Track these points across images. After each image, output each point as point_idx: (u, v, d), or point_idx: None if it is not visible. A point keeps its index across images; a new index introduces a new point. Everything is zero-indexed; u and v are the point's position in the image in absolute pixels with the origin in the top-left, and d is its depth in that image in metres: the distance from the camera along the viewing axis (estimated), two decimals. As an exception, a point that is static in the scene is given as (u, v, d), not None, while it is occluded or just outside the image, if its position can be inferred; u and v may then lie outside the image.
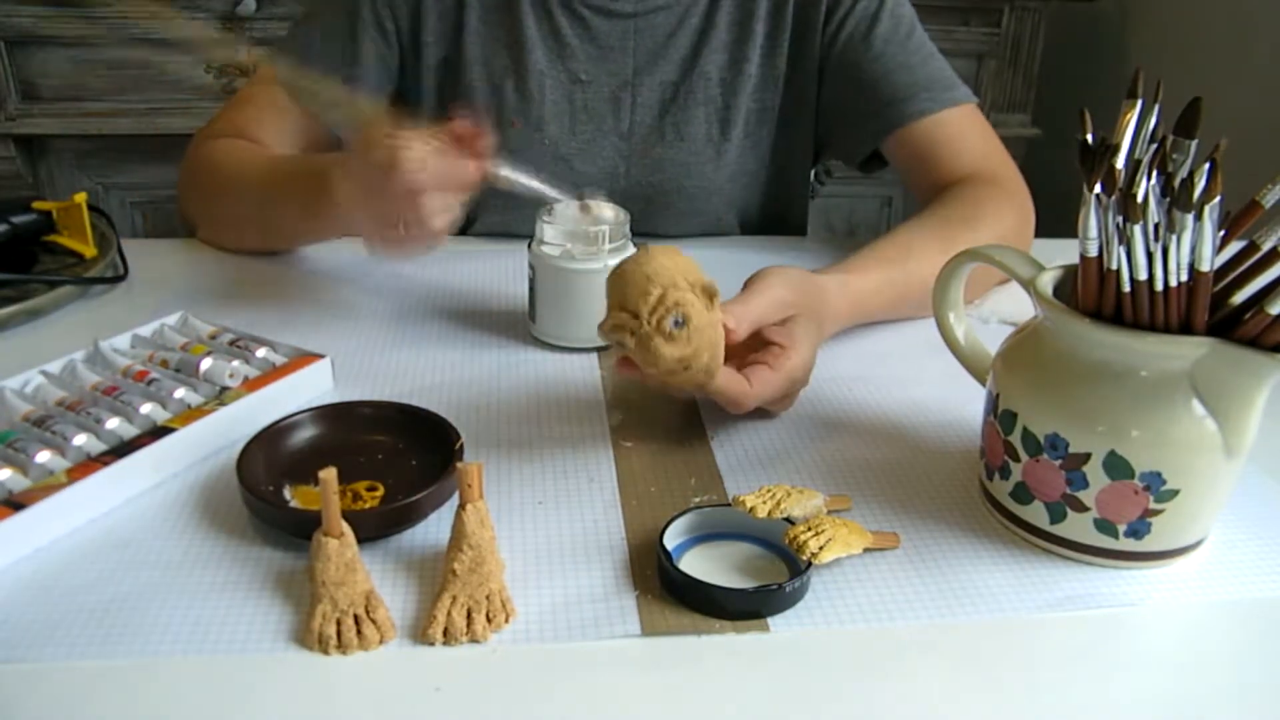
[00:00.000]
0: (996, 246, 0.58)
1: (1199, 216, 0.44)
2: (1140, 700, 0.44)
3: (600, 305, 0.57)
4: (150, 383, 0.62)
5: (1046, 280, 0.53)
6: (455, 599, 0.47)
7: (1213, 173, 0.45)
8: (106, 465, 0.54)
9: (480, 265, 0.90)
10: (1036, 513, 0.53)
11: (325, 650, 0.45)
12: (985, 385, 0.57)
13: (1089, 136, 0.49)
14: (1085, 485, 0.50)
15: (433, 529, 0.53)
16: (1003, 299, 0.82)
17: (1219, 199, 0.44)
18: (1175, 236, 0.45)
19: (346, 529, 0.47)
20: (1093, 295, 0.50)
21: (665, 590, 0.49)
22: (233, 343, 0.68)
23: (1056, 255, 0.57)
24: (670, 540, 0.51)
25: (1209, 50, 1.82)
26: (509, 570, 0.50)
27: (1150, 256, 0.46)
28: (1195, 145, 0.47)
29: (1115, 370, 0.49)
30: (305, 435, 0.59)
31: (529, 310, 0.76)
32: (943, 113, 0.88)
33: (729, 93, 0.95)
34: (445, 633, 0.46)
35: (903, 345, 0.76)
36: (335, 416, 0.60)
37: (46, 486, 0.52)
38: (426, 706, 0.42)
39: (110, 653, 0.44)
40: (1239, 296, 0.48)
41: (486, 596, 0.47)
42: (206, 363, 0.64)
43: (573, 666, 0.45)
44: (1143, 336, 0.48)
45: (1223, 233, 0.47)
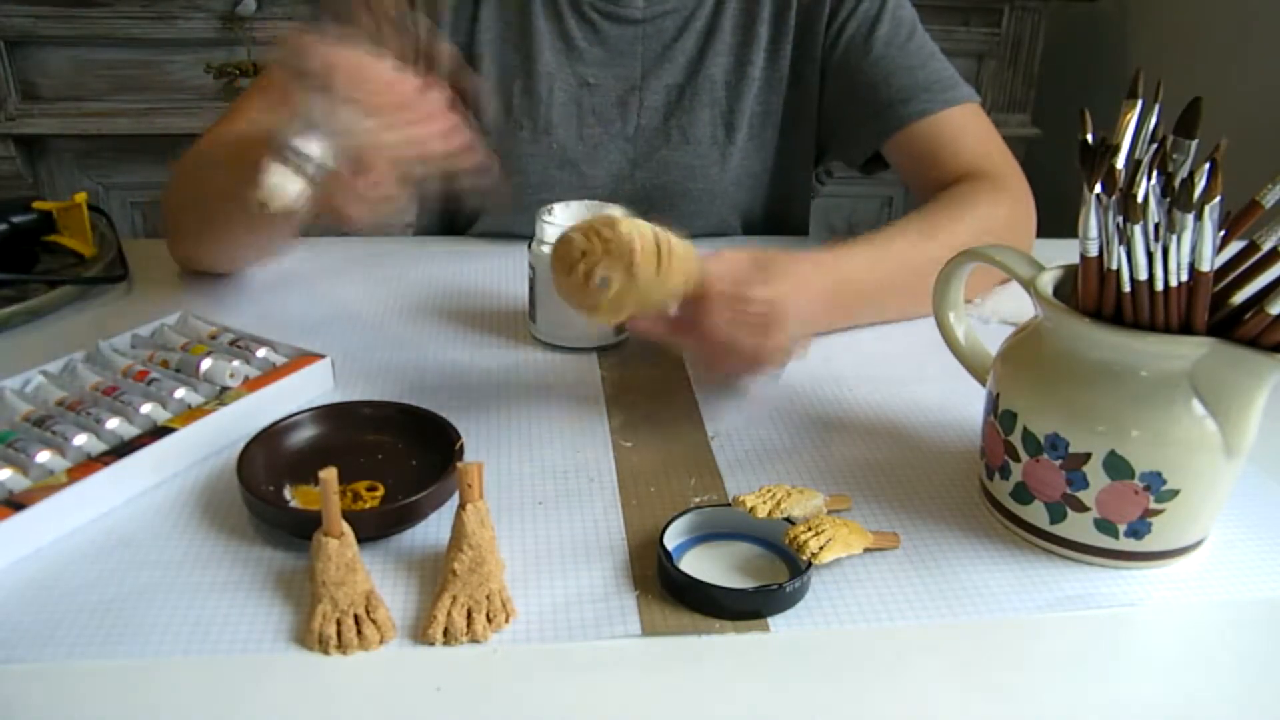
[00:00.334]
0: (996, 246, 0.58)
1: (1199, 216, 0.44)
2: (1140, 700, 0.44)
3: None
4: (150, 383, 0.62)
5: (1046, 280, 0.53)
6: (455, 599, 0.47)
7: (1213, 173, 0.45)
8: (106, 465, 0.54)
9: (480, 265, 0.90)
10: (1036, 513, 0.53)
11: (325, 650, 0.45)
12: (985, 385, 0.57)
13: (1089, 136, 0.49)
14: (1085, 485, 0.50)
15: (433, 529, 0.53)
16: (1003, 299, 0.82)
17: (1219, 199, 0.44)
18: (1175, 236, 0.45)
19: (346, 529, 0.47)
20: (1093, 295, 0.50)
21: (665, 590, 0.49)
22: (233, 343, 0.68)
23: (1056, 255, 0.57)
24: (670, 540, 0.51)
25: (1209, 50, 1.82)
26: (509, 570, 0.50)
27: (1150, 256, 0.46)
28: (1195, 145, 0.47)
29: (1115, 370, 0.49)
30: (305, 435, 0.59)
31: (529, 310, 0.76)
32: (942, 113, 0.88)
33: (734, 95, 0.95)
34: (445, 633, 0.46)
35: (903, 345, 0.76)
36: (335, 416, 0.60)
37: (46, 486, 0.52)
38: (426, 706, 0.42)
39: (110, 653, 0.44)
40: (1239, 296, 0.49)
41: (486, 596, 0.47)
42: (206, 363, 0.64)
43: (573, 666, 0.45)
44: (1143, 336, 0.48)
45: (1223, 233, 0.47)
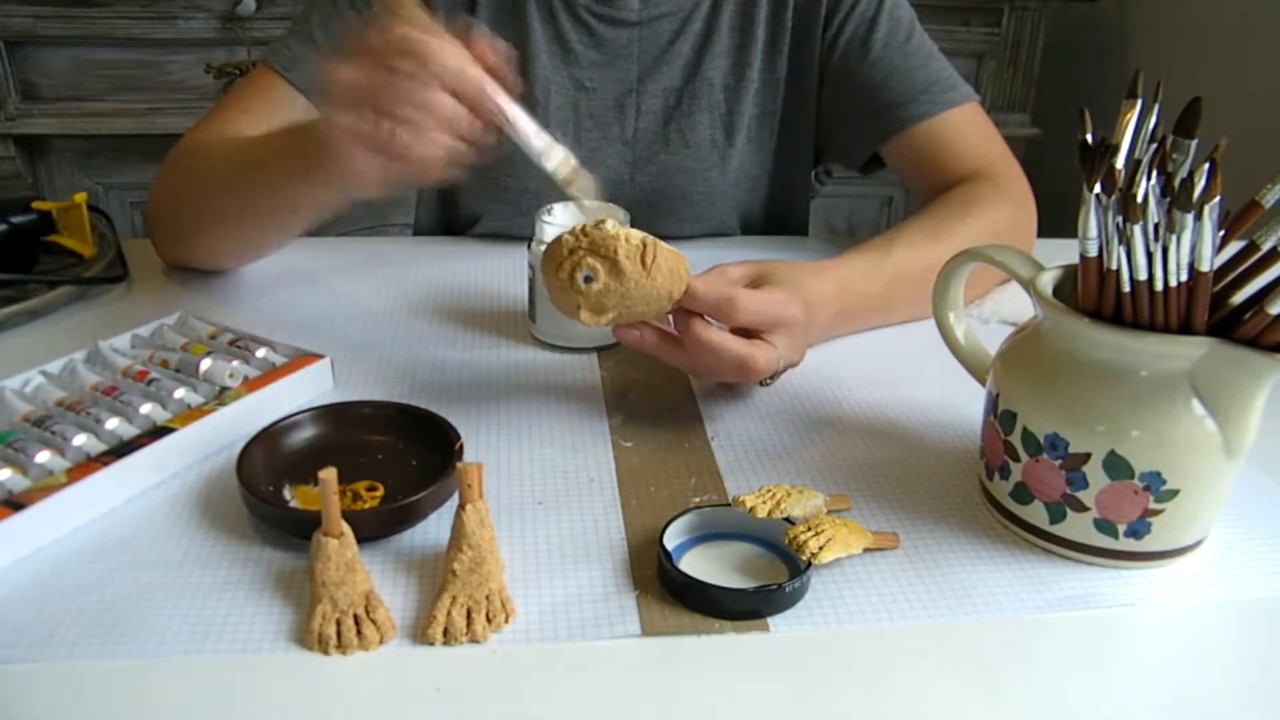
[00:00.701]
0: (996, 246, 0.58)
1: (1199, 216, 0.44)
2: (1140, 700, 0.44)
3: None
4: (150, 383, 0.62)
5: (1046, 280, 0.53)
6: (455, 599, 0.47)
7: (1213, 173, 0.45)
8: (106, 465, 0.54)
9: (480, 265, 0.90)
10: (1036, 513, 0.53)
11: (325, 650, 0.45)
12: (985, 385, 0.57)
13: (1089, 136, 0.49)
14: (1085, 485, 0.50)
15: (433, 529, 0.53)
16: (1003, 299, 0.82)
17: (1219, 199, 0.44)
18: (1175, 236, 0.45)
19: (346, 529, 0.47)
20: (1093, 295, 0.50)
21: (665, 590, 0.49)
22: (233, 343, 0.68)
23: (1056, 255, 0.57)
24: (670, 540, 0.51)
25: (1209, 50, 1.82)
26: (509, 570, 0.50)
27: (1150, 256, 0.46)
28: (1195, 145, 0.47)
29: (1115, 370, 0.49)
30: (305, 435, 0.59)
31: (529, 310, 0.76)
32: (941, 115, 0.88)
33: (732, 98, 0.95)
34: (445, 633, 0.46)
35: (903, 345, 0.76)
36: (335, 416, 0.60)
37: (46, 486, 0.52)
38: (426, 706, 0.42)
39: (110, 653, 0.44)
40: (1239, 296, 0.48)
41: (486, 596, 0.47)
42: (206, 363, 0.64)
43: (573, 666, 0.45)
44: (1143, 336, 0.48)
45: (1223, 233, 0.47)
